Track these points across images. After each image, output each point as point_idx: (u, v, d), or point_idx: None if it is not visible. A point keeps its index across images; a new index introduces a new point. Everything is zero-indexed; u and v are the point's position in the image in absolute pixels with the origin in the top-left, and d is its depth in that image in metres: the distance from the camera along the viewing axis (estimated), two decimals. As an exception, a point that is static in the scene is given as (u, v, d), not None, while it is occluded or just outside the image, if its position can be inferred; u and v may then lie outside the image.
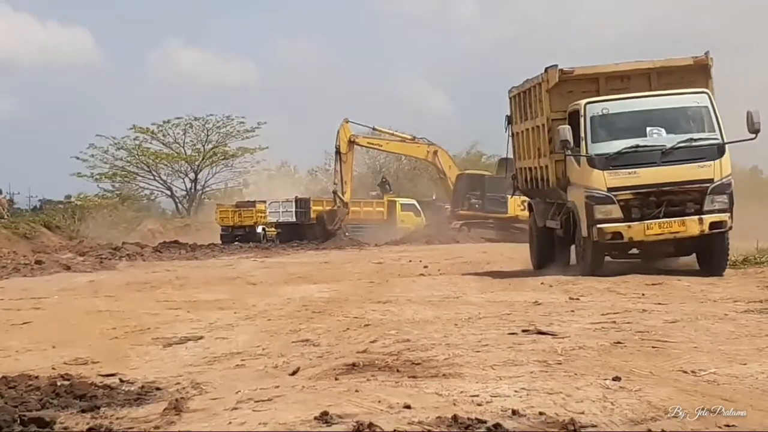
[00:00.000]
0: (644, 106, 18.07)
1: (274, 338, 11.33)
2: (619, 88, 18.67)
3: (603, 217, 17.25)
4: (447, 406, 6.87)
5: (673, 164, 17.23)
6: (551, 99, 19.36)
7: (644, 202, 17.15)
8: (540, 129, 20.12)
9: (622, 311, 12.62)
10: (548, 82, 19.29)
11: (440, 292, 16.48)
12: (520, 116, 22.27)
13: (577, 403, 6.96)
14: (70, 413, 7.29)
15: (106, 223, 55.82)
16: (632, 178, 17.22)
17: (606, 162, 17.34)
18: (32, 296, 17.97)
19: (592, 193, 17.44)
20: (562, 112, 19.02)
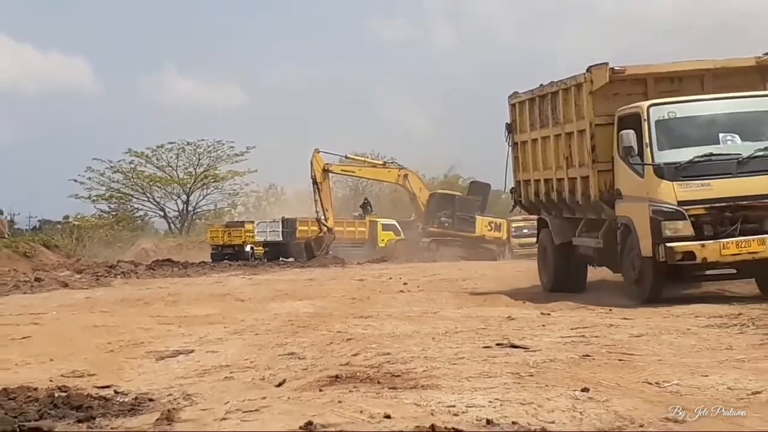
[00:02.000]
0: (717, 110, 15.49)
1: (261, 352, 11.31)
2: (669, 91, 16.25)
3: (672, 235, 14.62)
4: (425, 416, 6.88)
5: (750, 175, 14.73)
6: (595, 102, 16.70)
7: (718, 218, 14.68)
8: (574, 135, 17.54)
9: (590, 326, 12.62)
10: (592, 83, 16.56)
11: (419, 307, 16.46)
12: (532, 124, 19.77)
13: (548, 413, 6.97)
14: (67, 423, 7.28)
15: (103, 242, 55.73)
16: (705, 190, 14.64)
17: (676, 172, 14.76)
18: (31, 312, 17.89)
19: (660, 207, 14.77)
20: (606, 117, 16.50)
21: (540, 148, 19.29)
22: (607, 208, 16.55)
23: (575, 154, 17.46)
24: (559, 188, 18.45)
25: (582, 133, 17.05)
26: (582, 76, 16.90)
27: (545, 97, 18.90)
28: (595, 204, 16.90)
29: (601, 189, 16.48)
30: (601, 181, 16.47)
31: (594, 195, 16.64)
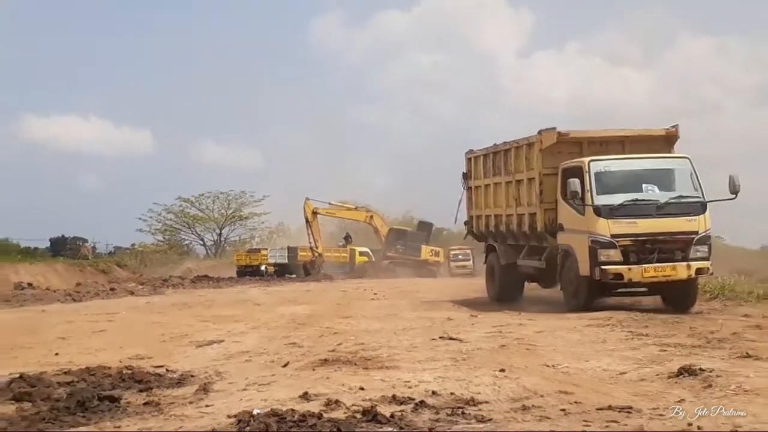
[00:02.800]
0: (639, 166, 15.08)
1: (271, 341, 11.25)
2: (599, 152, 15.56)
3: (606, 260, 14.23)
4: (389, 388, 6.86)
5: (665, 217, 14.37)
6: (543, 157, 16.09)
7: (641, 248, 14.27)
8: (524, 182, 16.87)
9: (506, 324, 12.61)
10: (542, 143, 16.08)
11: (385, 311, 16.40)
12: (485, 173, 19.03)
13: (476, 386, 6.96)
14: (131, 392, 7.23)
15: (159, 263, 55.30)
16: (632, 226, 14.29)
17: (610, 212, 14.33)
18: (107, 312, 17.74)
19: (597, 238, 14.37)
20: (551, 168, 15.88)
21: (492, 191, 18.70)
22: (549, 238, 16.11)
23: (524, 196, 16.92)
24: (507, 222, 17.93)
25: (531, 181, 16.56)
26: (534, 137, 16.43)
27: (499, 153, 18.34)
28: (540, 234, 16.39)
29: (545, 223, 16.03)
30: (546, 217, 16.02)
31: (540, 227, 16.18)
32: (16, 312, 19.34)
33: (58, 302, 23.02)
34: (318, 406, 6.17)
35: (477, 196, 19.65)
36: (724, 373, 7.21)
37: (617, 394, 6.49)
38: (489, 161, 18.85)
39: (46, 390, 7.24)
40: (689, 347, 9.38)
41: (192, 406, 6.57)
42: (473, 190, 19.82)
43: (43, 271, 39.14)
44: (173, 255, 61.37)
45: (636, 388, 6.81)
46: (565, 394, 6.52)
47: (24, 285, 32.71)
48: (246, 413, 5.83)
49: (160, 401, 6.77)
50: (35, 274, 37.48)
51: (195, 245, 69.75)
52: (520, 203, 17.14)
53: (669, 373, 7.39)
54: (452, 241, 54.72)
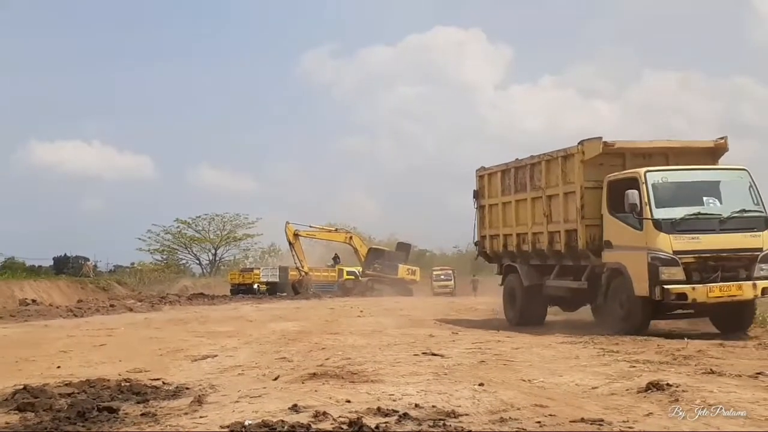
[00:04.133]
0: (698, 178, 13.31)
1: (263, 356, 11.19)
2: (641, 164, 13.86)
3: (668, 278, 12.38)
4: (374, 401, 6.83)
5: (729, 232, 12.68)
6: (585, 169, 14.24)
7: (704, 266, 12.51)
8: (560, 197, 14.93)
9: (484, 341, 12.60)
10: (584, 154, 14.20)
11: (370, 327, 16.37)
12: (503, 190, 17.11)
13: (456, 399, 6.95)
14: (129, 404, 7.17)
15: (157, 281, 55.16)
16: (694, 242, 12.53)
17: (671, 226, 12.58)
18: (107, 327, 17.66)
19: (658, 255, 12.53)
20: (594, 182, 14.14)
21: (513, 208, 16.70)
22: (592, 256, 14.24)
23: (558, 212, 15.00)
24: (534, 240, 15.94)
25: (569, 195, 14.69)
26: (573, 148, 14.57)
27: (522, 168, 16.36)
28: (580, 252, 14.49)
29: (587, 240, 14.20)
30: (588, 234, 14.20)
31: (581, 244, 14.29)
32: (21, 327, 19.23)
33: (60, 318, 22.92)
34: (307, 417, 6.14)
35: (491, 214, 17.80)
36: (689, 388, 7.21)
37: (589, 408, 6.48)
38: (508, 177, 16.99)
39: (48, 401, 7.20)
40: (657, 363, 9.38)
41: (187, 417, 6.53)
42: (486, 208, 17.97)
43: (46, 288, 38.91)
44: (170, 273, 61.22)
45: (607, 402, 6.81)
46: (540, 407, 6.51)
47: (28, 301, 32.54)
48: (238, 424, 5.80)
49: (156, 412, 6.72)
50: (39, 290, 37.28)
51: (191, 264, 69.62)
52: (551, 220, 15.32)
53: (638, 388, 7.38)
54: (435, 261, 54.91)
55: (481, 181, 18.07)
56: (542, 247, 15.62)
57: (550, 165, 15.35)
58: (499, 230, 17.34)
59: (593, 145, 14.19)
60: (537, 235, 15.82)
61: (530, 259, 16.30)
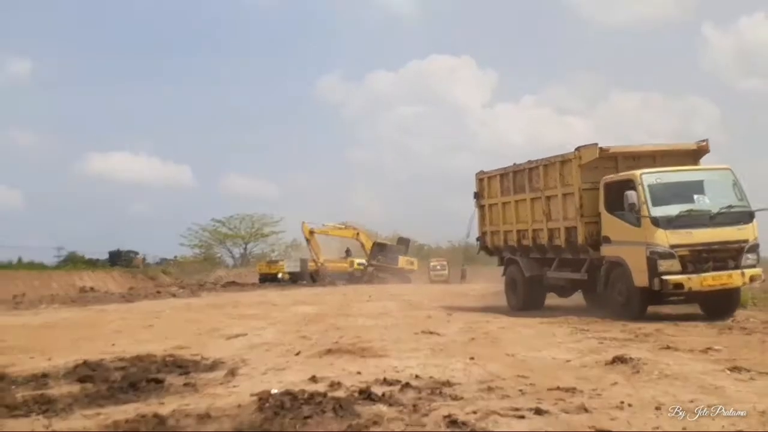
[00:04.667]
0: (688, 178, 12.90)
1: (286, 335, 11.20)
2: (631, 166, 13.43)
3: (666, 270, 11.93)
4: (381, 372, 6.83)
5: (718, 226, 12.21)
6: (582, 172, 13.74)
7: (697, 258, 12.03)
8: (558, 197, 14.40)
9: (475, 322, 12.59)
10: (581, 159, 13.72)
11: (377, 311, 16.36)
12: (502, 191, 16.53)
13: (451, 371, 6.95)
14: (173, 375, 7.18)
15: (196, 271, 55.15)
16: (688, 236, 12.04)
17: (668, 222, 12.09)
18: (154, 311, 17.68)
19: (656, 249, 12.04)
20: (590, 183, 13.63)
21: (512, 207, 16.14)
22: (591, 250, 13.65)
23: (557, 211, 14.44)
24: (534, 236, 15.36)
25: (567, 196, 14.16)
26: (570, 154, 14.06)
27: (520, 171, 15.81)
28: (579, 246, 13.89)
29: (586, 236, 13.62)
30: (586, 230, 13.64)
31: (581, 240, 13.73)
32: (81, 310, 19.25)
33: (114, 303, 22.93)
34: (324, 386, 6.15)
35: (491, 213, 17.19)
36: (649, 361, 7.21)
37: (564, 378, 6.48)
38: (507, 180, 16.43)
39: (104, 373, 7.23)
40: (621, 340, 9.37)
41: (222, 386, 6.54)
42: (486, 208, 17.35)
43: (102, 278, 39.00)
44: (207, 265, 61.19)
45: (579, 373, 6.80)
46: (522, 378, 6.50)
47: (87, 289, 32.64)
48: (266, 392, 5.80)
49: (196, 383, 6.74)
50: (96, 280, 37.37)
51: (225, 257, 69.59)
52: (551, 218, 14.73)
53: (605, 361, 7.38)
54: (432, 254, 54.90)
55: (481, 183, 17.57)
56: (542, 242, 15.13)
57: (548, 169, 14.87)
58: (499, 227, 16.85)
59: (590, 150, 13.76)
60: (537, 232, 15.33)
61: (530, 252, 15.81)
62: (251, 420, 5.00)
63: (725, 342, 9.00)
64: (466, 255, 56.98)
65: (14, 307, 20.82)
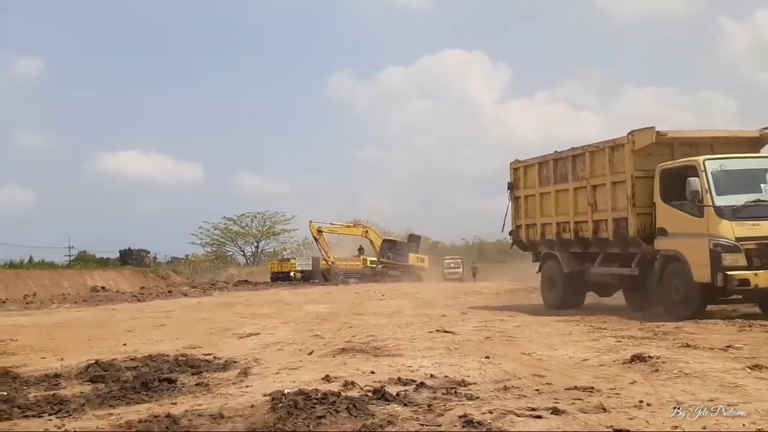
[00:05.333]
0: (754, 165, 11.89)
1: (299, 334, 11.22)
2: (688, 153, 12.46)
3: (730, 265, 10.96)
4: (395, 372, 6.83)
5: None
6: (635, 159, 12.79)
7: (764, 252, 11.03)
8: (607, 186, 13.46)
9: (490, 320, 12.56)
10: (634, 144, 12.75)
11: (390, 309, 16.37)
12: (540, 181, 15.61)
13: (466, 371, 6.93)
14: (185, 375, 7.21)
15: (207, 269, 55.44)
16: (755, 229, 11.07)
17: (732, 213, 11.11)
18: (165, 310, 17.78)
19: (720, 242, 11.07)
20: (643, 171, 12.70)
21: (552, 198, 15.23)
22: (643, 243, 12.74)
23: (605, 201, 13.54)
24: (576, 229, 14.41)
25: (617, 185, 13.25)
26: (623, 138, 13.09)
27: (563, 159, 14.86)
28: (631, 239, 12.97)
29: (638, 228, 12.73)
30: (639, 222, 12.73)
31: (632, 232, 12.82)
32: (92, 310, 19.40)
33: (125, 302, 23.11)
34: (337, 386, 6.15)
35: (527, 205, 16.26)
36: (668, 360, 7.15)
37: (581, 377, 6.45)
38: (546, 169, 15.49)
39: (116, 373, 7.26)
40: (640, 339, 9.32)
41: (235, 386, 6.56)
42: (522, 199, 16.40)
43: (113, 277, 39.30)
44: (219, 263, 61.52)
45: (597, 372, 6.77)
46: (538, 377, 6.48)
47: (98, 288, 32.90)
48: (279, 392, 5.81)
49: (208, 382, 6.76)
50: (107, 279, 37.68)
51: (237, 255, 69.86)
52: (597, 209, 13.82)
53: (623, 359, 7.34)
54: (446, 252, 54.88)
55: (516, 173, 16.59)
56: (586, 235, 14.15)
57: (595, 156, 13.91)
58: (535, 219, 15.89)
59: (645, 135, 12.77)
60: (580, 224, 14.37)
61: (570, 246, 14.87)
62: (264, 420, 5.01)
63: (746, 340, 8.92)
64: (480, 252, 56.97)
65: (25, 307, 21.02)
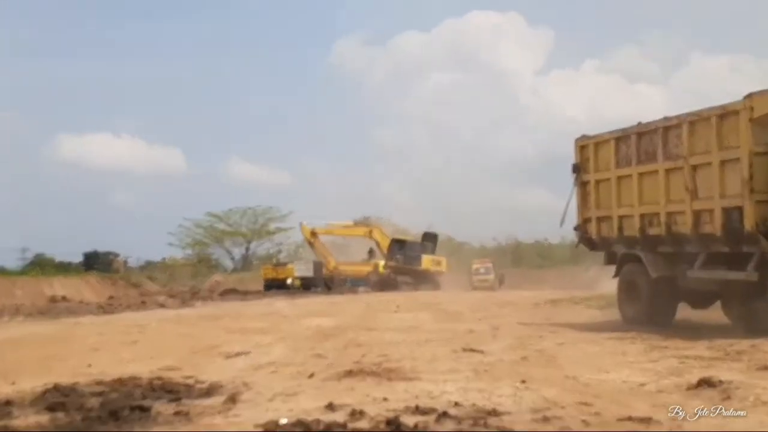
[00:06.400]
0: None
1: (297, 353, 11.23)
2: None
3: None
4: (412, 399, 6.83)
5: None
6: (754, 129, 11.59)
7: None
8: (713, 166, 12.42)
9: (527, 337, 12.55)
10: (753, 110, 11.58)
11: (407, 323, 16.35)
12: (618, 161, 14.62)
13: (497, 397, 6.92)
14: (162, 402, 7.22)
15: (188, 276, 55.78)
16: None
17: None
18: (138, 324, 17.83)
19: None
20: (765, 145, 11.62)
21: (634, 183, 14.21)
22: (763, 240, 11.71)
23: (709, 186, 12.53)
24: (669, 222, 13.42)
25: (727, 164, 12.17)
26: (738, 104, 11.94)
27: (651, 132, 13.82)
28: (747, 235, 11.90)
29: (758, 220, 11.69)
30: (758, 212, 11.67)
31: (749, 226, 11.74)
32: (51, 324, 19.50)
33: (90, 314, 23.24)
34: (343, 416, 6.16)
35: (598, 192, 15.30)
36: (742, 385, 7.12)
37: (637, 406, 6.43)
38: (627, 146, 14.50)
39: (79, 400, 7.27)
40: (708, 359, 9.28)
41: (220, 416, 6.57)
42: (591, 185, 15.41)
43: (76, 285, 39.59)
44: (202, 268, 61.82)
45: (655, 400, 6.75)
46: (585, 405, 6.46)
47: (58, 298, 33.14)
48: (273, 423, 5.83)
49: (189, 411, 6.78)
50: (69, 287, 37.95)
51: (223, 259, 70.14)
52: (697, 196, 12.78)
53: (688, 384, 7.31)
54: (474, 254, 54.72)
55: (584, 152, 15.64)
56: (682, 229, 13.17)
57: (696, 127, 12.87)
58: (611, 211, 14.96)
59: (765, 98, 11.64)
60: (674, 216, 13.40)
61: (659, 245, 13.90)
62: (255, 456, 5.02)
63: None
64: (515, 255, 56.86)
65: (-29, 321, 21.17)
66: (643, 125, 14.18)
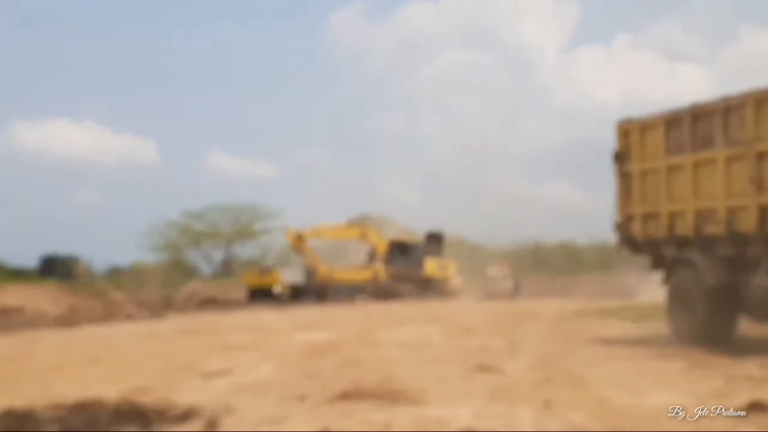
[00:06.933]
0: None
1: (287, 372, 11.24)
2: None
3: None
4: (418, 425, 6.84)
5: None
6: None
7: None
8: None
9: (550, 354, 12.54)
10: None
11: (412, 338, 16.35)
12: (667, 148, 14.19)
13: (517, 423, 6.93)
14: (130, 429, 7.23)
15: (160, 283, 55.81)
16: None
17: None
18: (103, 339, 17.88)
19: None
20: None
21: (687, 174, 13.83)
22: None
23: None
24: (730, 220, 12.97)
25: None
26: None
27: (707, 114, 13.45)
28: None
29: None
30: None
31: None
32: (3, 339, 19.50)
33: (49, 328, 23.21)
34: (339, 445, 6.17)
35: (644, 184, 14.92)
36: (799, 409, 7.12)
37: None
38: (679, 130, 14.08)
39: (36, 426, 7.28)
40: (758, 380, 9.28)
41: (198, 444, 6.58)
42: (636, 176, 15.07)
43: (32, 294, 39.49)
44: (177, 275, 61.81)
45: (699, 426, 6.74)
46: (711, 413, 6.47)
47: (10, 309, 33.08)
48: (258, 453, 5.84)
49: (161, 440, 6.80)
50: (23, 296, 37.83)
51: (200, 264, 70.22)
52: (764, 188, 12.37)
53: (736, 408, 7.31)
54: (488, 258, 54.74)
55: (627, 138, 15.29)
56: (746, 228, 12.75)
57: (763, 107, 12.39)
58: (659, 206, 14.58)
59: None
60: (736, 212, 12.95)
61: (718, 247, 13.44)
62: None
63: None
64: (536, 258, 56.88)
65: None
66: (698, 106, 13.74)
